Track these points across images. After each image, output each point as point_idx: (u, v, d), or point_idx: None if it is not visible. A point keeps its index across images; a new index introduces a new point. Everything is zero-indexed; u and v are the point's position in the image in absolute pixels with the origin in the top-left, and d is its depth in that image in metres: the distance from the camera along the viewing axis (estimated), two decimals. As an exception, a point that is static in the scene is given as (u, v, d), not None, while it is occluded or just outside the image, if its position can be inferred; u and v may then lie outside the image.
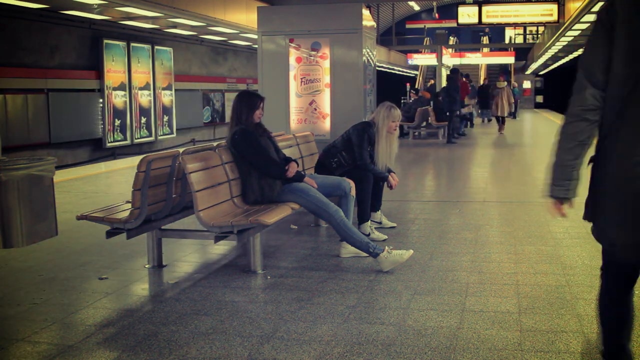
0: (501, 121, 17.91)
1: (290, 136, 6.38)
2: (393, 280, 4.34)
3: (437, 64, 30.42)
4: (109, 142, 17.87)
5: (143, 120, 19.52)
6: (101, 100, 17.50)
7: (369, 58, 8.27)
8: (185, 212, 4.96)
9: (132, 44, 18.65)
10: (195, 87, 23.35)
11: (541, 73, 48.56)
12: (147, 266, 4.76)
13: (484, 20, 21.13)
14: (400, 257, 4.49)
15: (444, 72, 30.00)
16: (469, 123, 19.98)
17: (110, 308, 3.92)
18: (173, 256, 5.04)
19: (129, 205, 4.53)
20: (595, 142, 2.38)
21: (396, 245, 5.13)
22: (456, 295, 4.00)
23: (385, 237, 5.49)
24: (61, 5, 13.13)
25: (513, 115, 28.32)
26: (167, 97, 20.86)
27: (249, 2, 15.59)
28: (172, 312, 3.78)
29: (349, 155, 5.57)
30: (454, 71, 16.55)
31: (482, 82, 27.26)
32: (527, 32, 45.89)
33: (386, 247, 4.53)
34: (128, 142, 18.74)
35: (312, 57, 8.00)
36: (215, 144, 5.14)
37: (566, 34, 21.45)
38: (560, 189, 2.40)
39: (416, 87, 28.96)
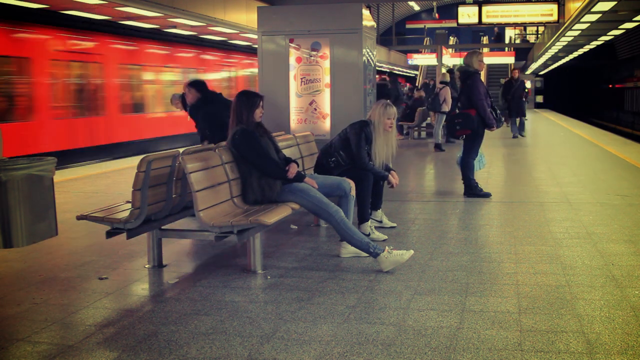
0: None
1: (290, 136, 6.38)
2: (393, 280, 4.34)
3: (437, 63, 30.43)
4: (109, 142, 17.83)
5: (143, 120, 19.50)
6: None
7: (369, 58, 8.27)
8: (185, 212, 4.96)
9: (132, 44, 18.63)
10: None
11: (541, 73, 48.56)
12: (147, 266, 4.76)
13: (484, 20, 21.14)
14: (401, 257, 4.49)
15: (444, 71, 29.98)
16: None
17: (110, 308, 3.92)
18: (173, 256, 5.04)
19: (129, 205, 4.53)
20: None
21: (396, 245, 5.14)
22: (456, 295, 4.00)
23: (385, 237, 5.49)
24: (61, 5, 13.12)
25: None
26: (167, 97, 20.86)
27: (249, 2, 15.59)
28: (172, 312, 3.78)
29: (347, 154, 5.57)
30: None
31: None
32: (527, 32, 45.92)
33: (387, 247, 4.53)
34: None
35: (312, 57, 8.00)
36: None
37: (566, 34, 21.47)
38: None
39: (416, 85, 28.92)
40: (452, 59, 34.27)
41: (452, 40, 39.82)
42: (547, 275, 4.39)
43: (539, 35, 37.29)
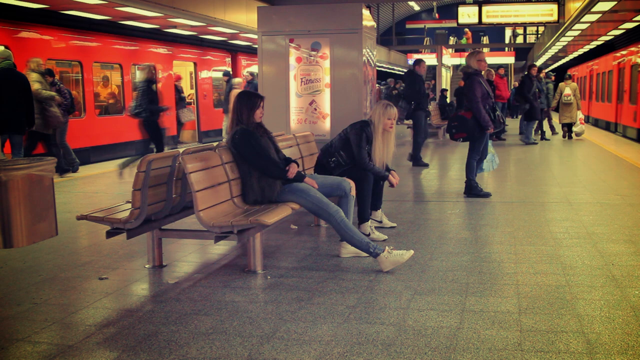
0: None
1: (290, 136, 6.38)
2: (393, 280, 4.34)
3: (437, 63, 30.44)
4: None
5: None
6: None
7: (369, 58, 8.28)
8: (185, 212, 4.96)
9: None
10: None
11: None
12: (147, 266, 4.76)
13: (484, 20, 21.12)
14: (401, 257, 4.49)
15: (444, 72, 30.02)
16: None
17: (110, 308, 3.92)
18: (173, 256, 5.04)
19: (129, 205, 4.53)
20: None
21: (396, 245, 5.14)
22: (456, 295, 4.00)
23: (385, 237, 5.49)
24: (61, 6, 13.12)
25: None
26: (167, 97, 21.02)
27: (249, 2, 15.58)
28: (172, 312, 3.78)
29: (347, 154, 5.57)
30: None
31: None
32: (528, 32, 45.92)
33: (387, 247, 4.53)
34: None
35: (312, 57, 8.00)
36: (215, 143, 5.14)
37: (566, 34, 21.46)
38: None
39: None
40: (452, 59, 34.25)
41: (452, 40, 39.79)
42: (547, 275, 4.39)
43: (539, 35, 37.25)
